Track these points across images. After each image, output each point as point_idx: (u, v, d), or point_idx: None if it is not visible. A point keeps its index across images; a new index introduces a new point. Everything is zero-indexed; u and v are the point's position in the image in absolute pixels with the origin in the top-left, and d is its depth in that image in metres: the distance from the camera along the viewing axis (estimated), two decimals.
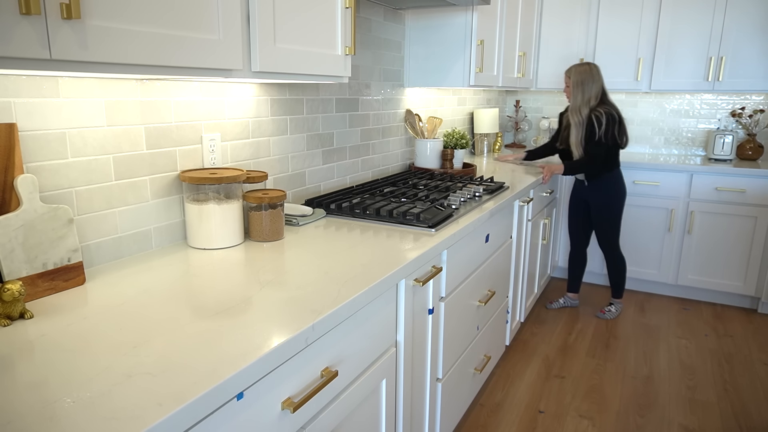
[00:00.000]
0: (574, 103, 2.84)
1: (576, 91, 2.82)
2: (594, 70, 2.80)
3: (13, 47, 0.78)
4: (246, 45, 1.24)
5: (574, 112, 2.85)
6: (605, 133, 2.76)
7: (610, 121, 2.76)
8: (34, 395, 0.76)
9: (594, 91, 2.80)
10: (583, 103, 2.81)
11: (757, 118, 3.58)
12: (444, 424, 1.87)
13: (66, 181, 1.21)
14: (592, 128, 2.77)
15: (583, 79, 2.79)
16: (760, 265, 3.26)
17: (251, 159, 1.76)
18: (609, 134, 2.77)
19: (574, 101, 2.84)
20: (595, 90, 2.80)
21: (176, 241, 1.52)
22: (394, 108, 2.67)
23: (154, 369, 0.83)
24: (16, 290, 0.97)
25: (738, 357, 2.80)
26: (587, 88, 2.80)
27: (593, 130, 2.77)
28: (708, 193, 3.32)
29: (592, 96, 2.80)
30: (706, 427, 2.21)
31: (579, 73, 2.80)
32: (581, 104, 2.82)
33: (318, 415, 1.11)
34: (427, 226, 1.68)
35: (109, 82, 1.27)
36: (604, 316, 3.22)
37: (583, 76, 2.79)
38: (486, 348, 2.30)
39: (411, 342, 1.54)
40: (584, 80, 2.79)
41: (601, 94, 2.83)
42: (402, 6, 2.50)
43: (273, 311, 1.06)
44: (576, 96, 2.82)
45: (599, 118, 2.75)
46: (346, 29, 1.58)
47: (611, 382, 2.53)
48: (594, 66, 2.81)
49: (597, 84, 2.80)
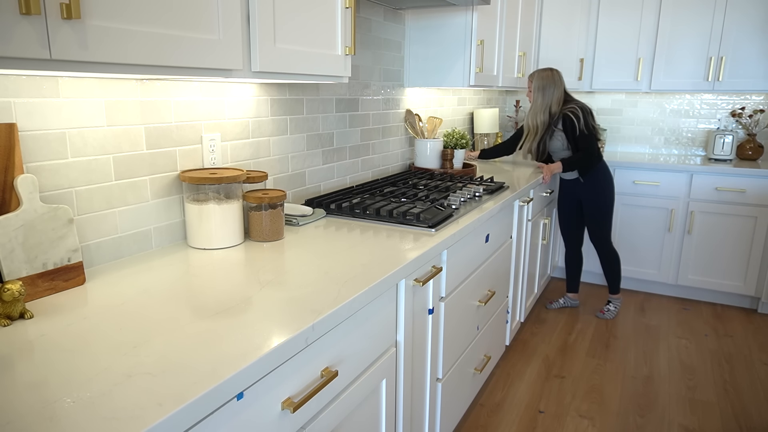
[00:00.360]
0: (533, 107, 2.87)
1: (537, 95, 2.84)
2: (556, 76, 2.83)
3: (13, 47, 0.78)
4: (246, 45, 1.24)
5: (530, 117, 2.88)
6: (586, 124, 2.78)
7: (584, 112, 2.78)
8: (34, 395, 0.76)
9: (555, 96, 2.83)
10: (542, 108, 2.84)
11: (757, 118, 3.58)
12: (444, 424, 1.87)
13: (66, 181, 1.21)
14: (572, 123, 2.78)
15: (544, 84, 2.82)
16: (760, 265, 3.26)
17: (251, 159, 1.75)
18: (589, 125, 2.80)
19: (534, 105, 2.87)
20: (556, 95, 2.83)
21: (176, 241, 1.52)
22: (394, 108, 2.67)
23: (154, 369, 0.83)
24: (16, 290, 0.97)
25: (738, 357, 2.80)
26: (548, 92, 2.83)
27: (573, 125, 2.78)
28: (708, 193, 3.32)
29: (553, 101, 2.83)
30: (706, 427, 2.21)
31: (541, 78, 2.83)
32: (539, 109, 2.85)
33: (318, 415, 1.11)
34: (427, 226, 1.68)
35: (109, 82, 1.27)
36: (604, 317, 3.22)
37: (544, 82, 2.82)
38: (486, 348, 2.30)
39: (411, 342, 1.54)
40: (545, 85, 2.82)
41: (563, 100, 2.85)
42: (402, 6, 2.50)
43: (273, 311, 1.06)
44: (536, 100, 2.85)
45: (575, 112, 2.77)
46: (346, 29, 1.58)
47: (611, 382, 2.53)
48: (556, 71, 2.85)
49: (558, 89, 2.83)
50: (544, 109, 2.84)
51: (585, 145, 2.81)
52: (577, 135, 2.79)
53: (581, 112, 2.78)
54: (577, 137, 2.80)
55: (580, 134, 2.79)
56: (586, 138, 2.80)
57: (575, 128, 2.79)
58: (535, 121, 2.87)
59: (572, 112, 2.79)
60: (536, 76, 2.86)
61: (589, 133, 2.80)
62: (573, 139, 2.82)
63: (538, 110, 2.85)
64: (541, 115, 2.85)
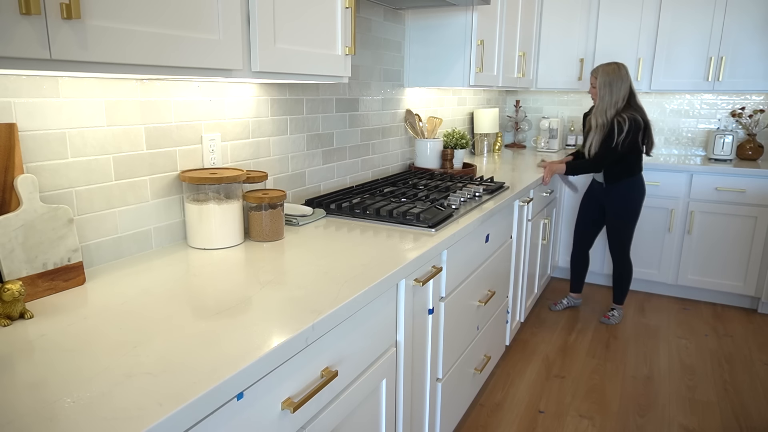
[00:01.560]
0: (601, 104, 2.72)
1: (603, 92, 2.70)
2: (623, 70, 2.69)
3: (13, 47, 0.78)
4: (246, 45, 1.24)
5: (599, 114, 2.74)
6: (624, 140, 2.66)
7: (633, 127, 2.65)
8: (34, 395, 0.76)
9: (623, 92, 2.69)
10: (611, 104, 2.70)
11: (757, 118, 3.58)
12: (444, 424, 1.87)
13: (66, 181, 1.21)
14: (612, 133, 2.67)
15: (611, 79, 2.68)
16: (760, 265, 3.26)
17: (251, 159, 1.76)
18: (628, 141, 2.66)
19: (601, 102, 2.72)
20: (623, 91, 2.69)
21: (176, 241, 1.52)
22: (394, 108, 2.67)
23: (154, 369, 0.83)
24: (16, 290, 0.97)
25: (738, 357, 2.80)
26: (615, 89, 2.68)
27: (612, 134, 2.67)
28: (708, 193, 3.32)
29: (620, 98, 2.69)
30: (706, 427, 2.21)
31: (607, 74, 2.69)
32: (608, 106, 2.70)
33: (318, 415, 1.11)
34: (427, 226, 1.68)
35: (109, 82, 1.27)
36: (608, 321, 3.15)
37: (611, 77, 2.68)
38: (486, 348, 2.30)
39: (411, 342, 1.54)
40: (612, 81, 2.68)
41: (629, 95, 2.72)
42: (402, 6, 2.50)
43: (273, 311, 1.06)
44: (603, 97, 2.70)
45: (621, 124, 2.65)
46: (346, 29, 1.58)
47: (611, 382, 2.53)
48: (623, 66, 2.71)
49: (625, 85, 2.69)
50: (614, 105, 2.69)
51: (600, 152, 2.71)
52: (607, 144, 2.68)
53: (628, 125, 2.64)
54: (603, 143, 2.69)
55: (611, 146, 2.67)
56: (609, 150, 2.69)
57: (612, 137, 2.67)
58: (604, 118, 2.71)
59: (619, 121, 2.65)
60: (601, 71, 2.72)
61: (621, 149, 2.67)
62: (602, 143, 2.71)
63: (608, 107, 2.70)
64: (612, 111, 2.70)
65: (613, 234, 2.99)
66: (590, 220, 3.11)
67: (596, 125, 2.75)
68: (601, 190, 2.98)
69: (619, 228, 2.95)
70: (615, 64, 2.71)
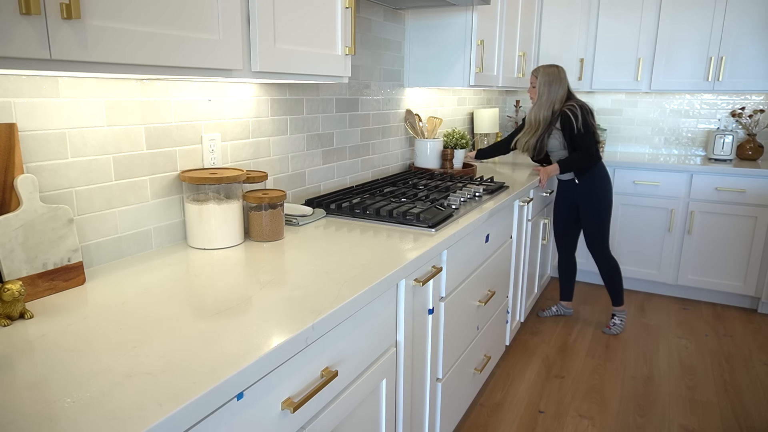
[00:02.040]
0: (537, 103, 2.78)
1: (542, 90, 2.76)
2: (562, 73, 2.76)
3: (13, 47, 0.78)
4: (246, 45, 1.24)
5: (534, 112, 2.79)
6: (584, 123, 2.69)
7: (585, 111, 2.70)
8: (34, 395, 0.76)
9: (560, 93, 2.74)
10: (547, 105, 2.75)
11: (757, 118, 3.58)
12: (444, 424, 1.87)
13: (66, 181, 1.21)
14: (569, 121, 2.69)
15: (549, 80, 2.73)
16: (760, 265, 3.26)
17: (251, 159, 1.75)
18: (588, 123, 2.70)
19: (538, 101, 2.78)
20: (561, 92, 2.74)
21: (176, 241, 1.52)
22: (394, 108, 2.67)
23: (154, 369, 0.83)
24: (16, 290, 0.97)
25: (738, 357, 2.80)
26: (553, 89, 2.74)
27: (570, 123, 2.69)
28: (708, 193, 3.32)
29: (557, 99, 2.74)
30: (706, 427, 2.21)
31: (547, 74, 2.75)
32: (544, 106, 2.76)
33: (318, 415, 1.11)
34: (427, 226, 1.68)
35: (109, 82, 1.27)
36: (611, 332, 3.04)
37: (550, 78, 2.74)
38: (486, 348, 2.30)
39: (411, 342, 1.54)
40: (550, 81, 2.73)
41: (566, 98, 2.77)
42: (402, 6, 2.50)
43: (273, 311, 1.06)
44: (540, 96, 2.76)
45: (573, 110, 2.69)
46: (346, 29, 1.58)
47: (611, 382, 2.53)
48: (561, 68, 2.77)
49: (563, 87, 2.75)
50: (548, 106, 2.75)
51: (583, 144, 2.72)
52: (575, 133, 2.70)
53: (580, 110, 2.69)
54: (574, 136, 2.71)
55: (578, 133, 2.69)
56: (584, 137, 2.70)
57: (573, 126, 2.69)
58: (537, 117, 2.78)
59: (570, 109, 2.70)
60: (541, 71, 2.77)
61: (587, 131, 2.70)
62: (570, 138, 2.73)
63: (542, 106, 2.76)
64: (545, 111, 2.76)
65: (591, 231, 2.93)
66: (567, 221, 3.06)
67: (529, 123, 2.82)
68: (573, 187, 2.92)
69: (597, 222, 2.90)
70: (555, 66, 2.77)
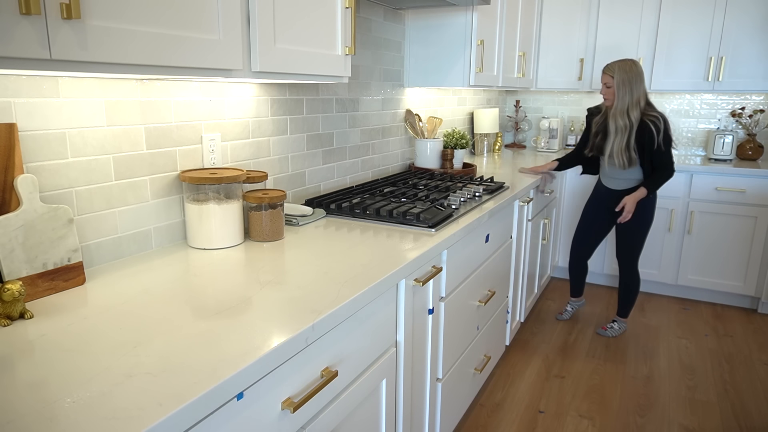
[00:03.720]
0: (621, 104, 2.52)
1: (622, 91, 2.50)
2: (639, 67, 2.51)
3: (13, 47, 0.78)
4: (246, 45, 1.24)
5: (619, 116, 2.54)
6: (665, 138, 2.50)
7: (667, 123, 2.52)
8: (34, 395, 0.76)
9: (642, 90, 2.51)
10: (632, 104, 2.50)
11: (757, 118, 3.58)
12: (444, 424, 1.87)
13: (66, 181, 1.21)
14: (651, 135, 2.48)
15: (630, 77, 2.48)
16: (760, 265, 3.26)
17: (251, 159, 1.76)
18: (669, 138, 2.51)
19: (621, 103, 2.52)
20: (643, 89, 2.51)
21: (176, 241, 1.52)
22: (394, 108, 2.67)
23: (154, 369, 0.83)
24: (16, 290, 0.97)
25: (738, 357, 2.80)
26: (636, 87, 2.49)
27: (652, 137, 2.48)
28: (708, 193, 3.32)
29: (640, 96, 2.50)
30: (706, 427, 2.21)
31: (625, 71, 2.49)
32: (629, 106, 2.51)
33: (318, 415, 1.11)
34: (427, 226, 1.68)
35: (109, 82, 1.27)
36: (606, 333, 2.99)
37: (630, 75, 2.48)
38: (486, 348, 2.30)
39: (411, 342, 1.54)
40: (632, 78, 2.48)
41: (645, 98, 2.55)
42: (402, 6, 2.50)
43: (273, 311, 1.06)
44: (623, 97, 2.50)
45: (656, 122, 2.47)
46: (346, 29, 1.58)
47: (611, 382, 2.53)
48: (638, 62, 2.53)
49: (643, 83, 2.51)
50: (635, 105, 2.50)
51: (665, 161, 2.53)
52: (654, 148, 2.50)
53: (663, 124, 2.48)
54: (653, 151, 2.51)
55: (658, 149, 2.50)
56: (666, 153, 2.51)
57: (654, 141, 2.48)
58: (625, 120, 2.51)
59: (653, 122, 2.47)
60: (617, 69, 2.51)
61: (668, 147, 2.51)
62: (648, 152, 2.52)
63: (629, 107, 2.50)
64: (635, 112, 2.50)
65: (626, 241, 2.78)
66: (595, 228, 2.91)
67: (616, 129, 2.56)
68: (613, 196, 2.76)
69: (634, 234, 2.75)
70: (631, 62, 2.52)
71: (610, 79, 2.54)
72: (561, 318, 3.19)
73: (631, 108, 2.52)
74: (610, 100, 2.59)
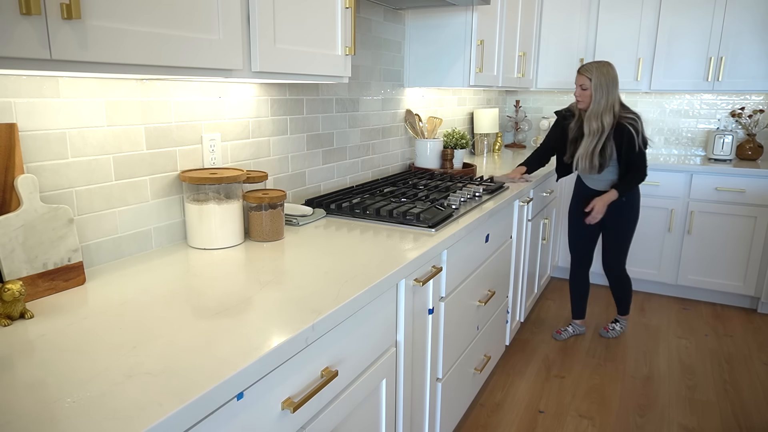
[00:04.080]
0: (596, 107, 2.47)
1: (599, 94, 2.45)
2: (615, 71, 2.49)
3: (13, 47, 0.78)
4: (246, 45, 1.24)
5: (593, 118, 2.49)
6: (643, 141, 2.49)
7: (642, 125, 2.50)
8: (34, 395, 0.76)
9: (617, 94, 2.48)
10: (606, 108, 2.46)
11: (756, 118, 3.58)
12: (444, 424, 1.87)
13: (66, 181, 1.21)
14: (630, 137, 2.46)
15: (607, 80, 2.45)
16: (760, 265, 3.26)
17: (251, 159, 1.75)
18: (646, 141, 2.51)
19: (596, 106, 2.47)
20: (617, 93, 2.48)
21: (176, 241, 1.52)
22: (394, 108, 2.67)
23: (154, 369, 0.83)
24: (16, 290, 0.97)
25: (738, 357, 2.80)
26: (612, 91, 2.46)
27: (631, 139, 2.46)
28: (708, 193, 3.32)
29: (615, 101, 2.47)
30: (706, 427, 2.21)
31: (603, 74, 2.45)
32: (604, 109, 2.47)
33: (318, 415, 1.11)
34: (427, 226, 1.68)
35: (109, 82, 1.27)
36: (608, 335, 2.96)
37: (607, 78, 2.45)
38: (486, 348, 2.30)
39: (411, 342, 1.54)
40: (608, 82, 2.45)
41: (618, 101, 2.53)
42: (402, 6, 2.50)
43: (273, 311, 1.06)
44: (599, 100, 2.45)
45: (634, 125, 2.45)
46: (346, 29, 1.58)
47: (611, 382, 2.53)
48: (613, 66, 2.50)
49: (618, 87, 2.49)
50: (609, 109, 2.46)
51: (639, 164, 2.51)
52: (634, 152, 2.48)
53: (640, 124, 2.46)
54: (632, 153, 2.48)
55: (638, 151, 2.48)
56: (642, 155, 2.50)
57: (633, 144, 2.46)
58: (599, 122, 2.47)
59: (632, 124, 2.44)
60: (595, 71, 2.45)
61: (643, 150, 2.50)
62: (625, 155, 2.49)
63: (603, 110, 2.46)
64: (608, 117, 2.46)
65: (613, 246, 2.77)
66: (586, 233, 2.83)
67: (589, 131, 2.52)
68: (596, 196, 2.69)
69: (618, 236, 2.73)
70: (609, 64, 2.49)
71: (586, 81, 2.48)
72: (559, 338, 2.96)
73: (605, 112, 2.47)
74: (584, 103, 2.52)
